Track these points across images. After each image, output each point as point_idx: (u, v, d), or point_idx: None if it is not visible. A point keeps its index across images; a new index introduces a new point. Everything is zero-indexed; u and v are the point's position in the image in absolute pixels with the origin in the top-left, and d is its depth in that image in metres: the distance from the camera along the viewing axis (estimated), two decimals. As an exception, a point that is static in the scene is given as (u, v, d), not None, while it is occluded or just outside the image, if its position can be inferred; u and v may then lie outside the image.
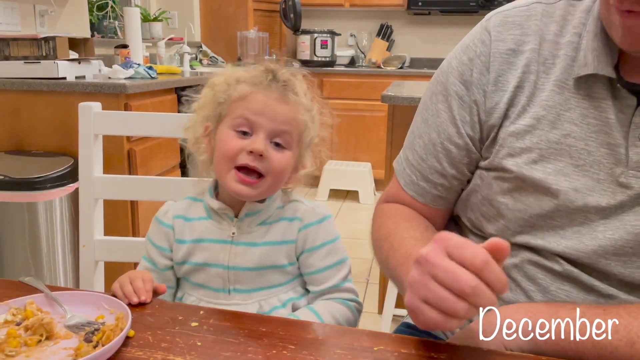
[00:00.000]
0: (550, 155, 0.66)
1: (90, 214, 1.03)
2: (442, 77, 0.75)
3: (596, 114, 0.64)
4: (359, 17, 4.53)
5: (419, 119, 0.78)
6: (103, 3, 3.02)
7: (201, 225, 0.80)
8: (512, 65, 0.69)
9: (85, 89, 1.93)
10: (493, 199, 0.72)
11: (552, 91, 0.67)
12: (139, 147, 2.02)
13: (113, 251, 1.04)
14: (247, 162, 0.73)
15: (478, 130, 0.72)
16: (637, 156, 0.63)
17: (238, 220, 0.78)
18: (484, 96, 0.70)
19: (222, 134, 0.75)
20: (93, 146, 1.01)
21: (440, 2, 4.05)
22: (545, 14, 0.69)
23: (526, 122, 0.68)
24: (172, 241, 0.81)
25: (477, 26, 0.74)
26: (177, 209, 0.83)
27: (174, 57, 3.22)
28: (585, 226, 0.66)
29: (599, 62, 0.63)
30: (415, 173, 0.78)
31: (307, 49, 4.21)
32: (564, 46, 0.67)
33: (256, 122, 0.73)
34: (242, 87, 0.75)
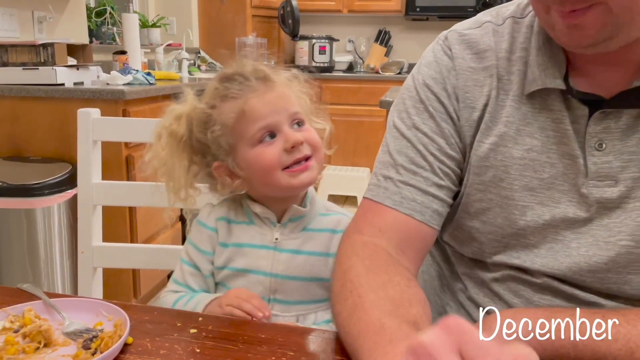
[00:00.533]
0: (514, 171, 0.66)
1: (88, 220, 1.03)
2: (412, 93, 0.73)
3: (554, 125, 0.65)
4: (357, 23, 4.55)
5: (394, 141, 0.72)
6: (101, 9, 3.02)
7: (242, 229, 0.77)
8: (476, 82, 0.69)
9: (84, 95, 1.93)
10: (463, 224, 0.72)
11: (511, 107, 0.67)
12: (138, 153, 2.02)
13: (111, 257, 1.04)
14: (295, 157, 0.72)
15: (461, 145, 0.71)
16: (595, 166, 0.63)
17: (281, 226, 0.76)
18: (457, 113, 0.70)
19: (248, 157, 0.73)
20: (92, 152, 1.01)
21: (438, 7, 4.07)
22: (496, 33, 0.70)
23: (491, 139, 0.68)
24: (215, 244, 0.78)
25: (435, 45, 0.74)
26: (220, 211, 0.79)
27: (172, 63, 3.23)
28: (558, 242, 0.66)
29: (547, 76, 0.64)
30: (408, 190, 0.69)
31: (305, 54, 4.22)
32: (515, 62, 0.68)
33: (272, 121, 0.72)
34: (229, 107, 0.73)
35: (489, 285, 0.72)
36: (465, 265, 0.76)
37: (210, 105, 0.75)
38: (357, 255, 0.65)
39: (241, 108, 0.72)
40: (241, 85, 0.73)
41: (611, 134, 0.62)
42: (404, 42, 4.40)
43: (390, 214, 0.69)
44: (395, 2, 4.20)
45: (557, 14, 0.57)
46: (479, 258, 0.73)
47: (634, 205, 0.63)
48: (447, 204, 0.71)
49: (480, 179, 0.69)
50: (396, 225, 0.69)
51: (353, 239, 0.68)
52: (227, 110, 0.73)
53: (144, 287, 2.13)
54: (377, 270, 0.62)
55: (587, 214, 0.64)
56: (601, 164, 0.63)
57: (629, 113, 0.62)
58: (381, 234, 0.68)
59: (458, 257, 0.77)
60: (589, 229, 0.65)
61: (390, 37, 4.42)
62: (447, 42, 0.73)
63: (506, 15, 0.71)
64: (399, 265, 0.64)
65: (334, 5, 4.31)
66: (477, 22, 0.73)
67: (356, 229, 0.70)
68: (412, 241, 0.69)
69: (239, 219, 0.78)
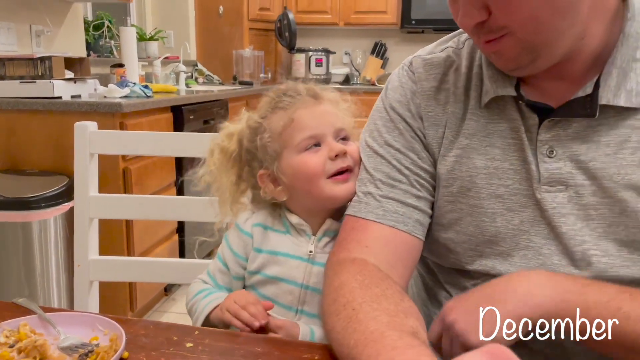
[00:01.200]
0: (480, 180, 0.69)
1: (85, 234, 1.02)
2: (382, 114, 0.77)
3: (512, 133, 0.69)
4: (353, 36, 4.58)
5: (368, 159, 0.75)
6: (99, 23, 3.04)
7: (278, 237, 0.78)
8: (438, 101, 0.74)
9: (81, 108, 1.93)
10: (438, 237, 0.74)
11: (470, 120, 0.71)
12: (135, 166, 2.02)
13: (108, 271, 1.04)
14: (339, 165, 0.74)
15: (432, 159, 0.74)
16: (546, 172, 0.66)
17: (317, 239, 0.77)
18: (422, 131, 0.74)
19: (294, 162, 0.75)
20: (88, 165, 1.01)
21: (433, 20, 4.10)
22: (457, 55, 0.76)
23: (455, 152, 0.71)
24: (249, 250, 0.79)
25: (400, 70, 0.79)
26: (257, 217, 0.81)
27: (169, 75, 3.24)
28: (530, 249, 0.68)
29: (498, 86, 0.68)
30: (389, 203, 0.71)
31: (302, 66, 4.24)
32: (473, 78, 0.73)
33: (318, 132, 0.75)
34: (279, 116, 0.76)
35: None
36: (447, 274, 0.77)
37: (262, 116, 0.79)
38: (349, 272, 0.65)
39: (290, 117, 0.75)
40: (292, 98, 0.77)
41: (560, 141, 0.66)
42: (400, 54, 4.43)
43: (375, 228, 0.70)
44: (391, 15, 4.24)
45: (481, 45, 0.64)
46: (458, 267, 0.74)
47: (588, 213, 0.65)
48: (427, 214, 0.73)
49: (449, 190, 0.72)
50: (382, 239, 0.70)
51: (341, 257, 0.69)
52: (276, 118, 0.76)
53: (140, 300, 2.12)
54: (370, 284, 0.62)
55: (548, 221, 0.67)
56: (552, 170, 0.66)
57: (577, 122, 0.65)
58: (368, 250, 0.69)
59: (439, 267, 0.79)
60: (555, 235, 0.67)
61: (386, 49, 4.45)
62: (411, 66, 0.78)
63: (464, 39, 0.77)
64: (388, 279, 0.65)
65: (330, 19, 4.35)
66: (439, 47, 0.78)
67: (343, 248, 0.70)
68: (400, 254, 0.70)
69: (275, 227, 0.79)
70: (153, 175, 2.17)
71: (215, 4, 3.93)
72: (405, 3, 4.11)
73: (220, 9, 3.94)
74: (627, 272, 0.64)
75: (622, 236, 0.64)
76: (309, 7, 4.34)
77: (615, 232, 0.64)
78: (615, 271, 0.64)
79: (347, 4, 4.28)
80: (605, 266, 0.65)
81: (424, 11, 4.10)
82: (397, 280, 0.67)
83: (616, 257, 0.64)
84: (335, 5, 4.31)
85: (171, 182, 2.34)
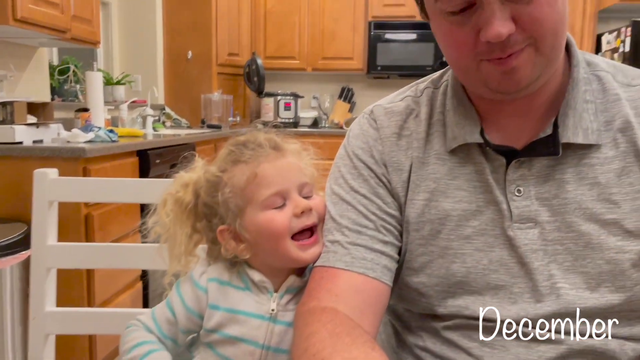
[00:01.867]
0: (449, 222, 0.71)
1: (41, 284, 0.98)
2: (345, 162, 0.78)
3: (478, 176, 0.71)
4: (321, 81, 4.68)
5: (334, 206, 0.76)
6: (65, 67, 3.02)
7: (238, 294, 0.74)
8: (400, 147, 0.76)
9: (43, 154, 1.89)
10: (409, 282, 0.74)
11: (436, 164, 0.73)
12: (97, 212, 1.97)
13: (66, 323, 0.99)
14: (303, 223, 0.72)
15: (397, 204, 0.75)
16: (517, 209, 0.69)
17: (278, 296, 0.74)
18: (386, 177, 0.75)
19: (259, 219, 0.72)
20: (47, 213, 0.98)
21: (398, 67, 4.24)
22: (416, 103, 0.78)
23: (422, 196, 0.73)
24: (203, 306, 0.74)
25: (361, 118, 0.81)
26: (213, 271, 0.76)
27: (136, 119, 3.22)
28: (501, 289, 0.69)
29: (465, 133, 0.71)
30: (356, 249, 0.72)
31: (270, 110, 4.29)
32: (435, 124, 0.75)
33: (282, 187, 0.72)
34: (241, 170, 0.73)
35: (442, 334, 0.73)
36: (418, 318, 0.77)
37: (222, 169, 0.75)
38: (319, 321, 0.64)
39: (253, 171, 0.72)
40: (254, 151, 0.74)
41: (526, 180, 0.69)
42: (367, 99, 4.53)
43: (344, 277, 0.70)
44: (357, 61, 4.36)
45: (492, 64, 0.63)
46: (429, 312, 0.74)
47: (555, 248, 0.68)
48: (394, 259, 0.74)
49: (419, 234, 0.73)
50: (352, 287, 0.70)
51: (311, 306, 0.68)
52: (238, 173, 0.73)
53: (100, 352, 2.02)
54: (340, 333, 0.62)
55: (518, 258, 0.68)
56: (522, 208, 0.69)
57: (540, 162, 0.69)
58: (338, 299, 0.68)
59: (409, 313, 0.78)
60: (525, 273, 0.68)
61: (353, 93, 4.55)
62: (372, 114, 0.80)
63: (423, 88, 0.80)
64: (360, 328, 0.64)
65: (298, 64, 4.44)
66: (399, 97, 0.81)
67: (313, 297, 0.70)
68: (369, 301, 0.70)
69: (234, 282, 0.75)
70: (117, 221, 2.12)
71: (184, 48, 3.97)
72: (371, 50, 4.24)
73: (189, 54, 3.97)
74: (595, 304, 0.66)
75: (588, 269, 0.66)
76: (277, 52, 4.43)
77: (582, 265, 0.67)
78: (583, 303, 0.66)
79: (314, 50, 4.39)
80: (573, 298, 0.66)
81: (389, 58, 4.23)
82: (367, 328, 0.67)
83: (584, 290, 0.66)
84: (303, 51, 4.41)
85: (136, 227, 2.29)
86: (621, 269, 0.66)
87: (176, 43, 3.96)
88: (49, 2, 2.26)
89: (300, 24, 4.39)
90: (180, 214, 0.76)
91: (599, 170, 0.67)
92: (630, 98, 0.69)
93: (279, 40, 4.42)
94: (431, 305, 0.73)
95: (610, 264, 0.66)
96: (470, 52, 0.64)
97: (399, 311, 0.81)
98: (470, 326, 0.71)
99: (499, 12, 0.60)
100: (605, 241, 0.66)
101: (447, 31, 0.65)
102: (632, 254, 0.66)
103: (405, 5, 4.19)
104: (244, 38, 4.31)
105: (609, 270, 0.66)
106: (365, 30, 4.29)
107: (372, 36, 4.23)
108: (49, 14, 2.25)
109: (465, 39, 0.63)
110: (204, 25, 3.92)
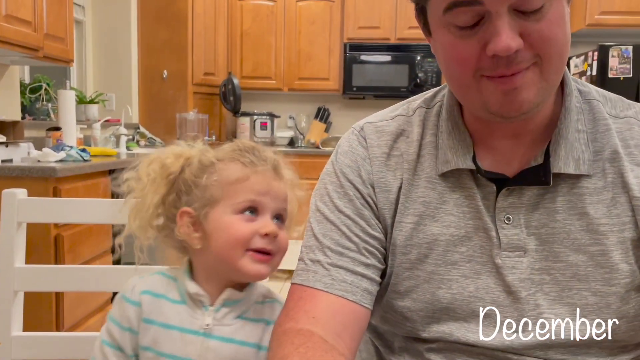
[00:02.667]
0: (437, 247, 0.70)
1: (7, 308, 0.95)
2: (332, 179, 0.76)
3: (467, 202, 0.70)
4: (297, 101, 4.70)
5: (318, 225, 0.75)
6: (36, 86, 2.97)
7: (172, 308, 0.71)
8: (389, 167, 0.75)
9: (12, 173, 1.85)
10: (394, 305, 0.74)
11: (426, 187, 0.72)
12: (67, 233, 1.93)
13: (33, 348, 0.96)
14: (263, 245, 0.69)
15: (382, 226, 0.74)
16: (506, 238, 0.68)
17: (214, 310, 0.71)
18: (372, 198, 0.74)
19: (223, 219, 0.70)
20: (15, 235, 0.96)
21: (373, 87, 4.30)
22: (407, 123, 0.77)
23: (410, 219, 0.72)
24: (139, 320, 0.71)
25: (350, 134, 0.79)
26: (145, 284, 0.73)
27: (109, 139, 3.18)
28: (486, 317, 0.69)
29: (458, 158, 0.70)
30: (337, 271, 0.71)
31: (246, 130, 4.29)
32: (426, 146, 0.74)
33: (262, 203, 0.70)
34: (236, 168, 0.71)
35: (426, 355, 0.72)
36: (401, 339, 0.76)
37: (219, 158, 0.73)
38: (292, 344, 0.64)
39: (247, 175, 0.70)
40: (256, 158, 0.72)
41: (517, 209, 0.69)
42: (343, 119, 4.56)
43: (323, 298, 0.70)
44: (333, 82, 4.40)
45: (494, 83, 0.61)
46: (413, 335, 0.73)
47: (542, 277, 0.68)
48: (375, 282, 0.72)
49: (406, 257, 0.72)
50: (330, 309, 0.69)
51: (286, 327, 0.67)
52: (233, 168, 0.71)
53: (69, 378, 1.96)
54: (313, 356, 0.61)
55: (505, 286, 0.68)
56: (511, 236, 0.68)
57: (530, 190, 0.68)
58: (315, 321, 0.68)
59: (392, 334, 0.78)
60: (511, 301, 0.68)
61: (329, 114, 4.58)
62: (362, 132, 0.78)
63: (415, 107, 0.78)
64: (334, 351, 0.64)
65: (274, 84, 4.46)
66: (390, 115, 0.79)
67: (290, 318, 0.69)
68: (348, 324, 0.69)
69: (169, 295, 0.73)
70: (88, 243, 2.07)
71: (159, 68, 3.96)
72: (347, 71, 4.29)
73: (164, 73, 3.96)
74: (578, 335, 0.66)
75: (575, 300, 0.66)
76: (253, 72, 4.45)
77: (569, 295, 0.67)
78: (569, 334, 0.66)
79: (290, 71, 4.42)
80: (558, 329, 0.66)
81: (364, 79, 4.29)
82: (343, 351, 0.66)
83: (570, 321, 0.66)
84: (280, 72, 4.44)
85: (107, 249, 2.24)
86: (607, 302, 0.66)
87: (151, 62, 3.95)
88: (22, 20, 2.23)
89: (276, 44, 4.42)
90: (160, 179, 0.74)
91: (587, 201, 0.67)
92: (618, 130, 0.69)
93: (256, 60, 4.44)
94: (415, 330, 0.72)
95: (596, 296, 0.66)
96: (473, 67, 0.62)
97: (380, 331, 0.80)
98: (454, 349, 0.70)
99: (508, 25, 0.58)
100: (593, 273, 0.66)
101: (451, 45, 0.63)
102: (619, 287, 0.66)
103: (380, 27, 4.27)
104: (220, 58, 4.32)
105: (595, 302, 0.66)
106: (341, 52, 4.34)
107: (348, 57, 4.28)
108: (21, 32, 2.22)
109: (470, 53, 0.61)
110: (180, 45, 3.92)
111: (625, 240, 0.66)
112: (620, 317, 0.66)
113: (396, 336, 0.77)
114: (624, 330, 0.67)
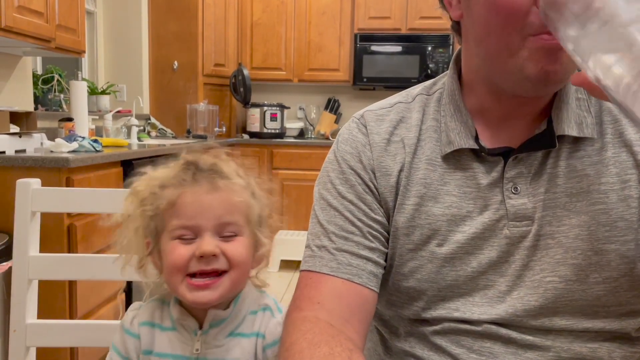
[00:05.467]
0: (440, 227, 0.72)
1: (22, 296, 0.97)
2: (334, 166, 0.78)
3: (469, 182, 0.72)
4: (307, 92, 4.69)
5: (322, 212, 0.76)
6: (49, 77, 3.00)
7: (165, 336, 0.71)
8: (389, 152, 0.76)
9: (25, 163, 1.87)
10: (399, 287, 0.75)
11: (426, 169, 0.74)
12: (80, 222, 1.95)
13: (47, 336, 0.98)
14: (201, 267, 0.66)
15: (384, 210, 0.75)
16: (513, 208, 0.70)
17: (203, 333, 0.69)
18: (373, 182, 0.75)
19: (166, 247, 0.68)
20: (29, 224, 0.97)
21: (383, 78, 4.28)
22: (407, 109, 0.79)
23: (412, 201, 0.73)
24: (138, 352, 0.71)
25: (351, 123, 0.81)
26: (144, 314, 0.73)
27: (121, 129, 3.20)
28: (490, 288, 0.71)
29: (461, 138, 0.72)
30: (342, 255, 0.72)
31: (256, 121, 4.29)
32: (427, 130, 0.76)
33: (195, 226, 0.66)
34: (168, 193, 0.68)
35: (431, 339, 0.74)
36: (406, 323, 0.77)
37: (162, 184, 0.70)
38: (300, 331, 0.65)
39: (173, 199, 0.68)
40: (190, 175, 0.69)
41: (523, 178, 0.70)
42: (353, 110, 4.54)
43: (328, 282, 0.71)
44: (343, 73, 4.39)
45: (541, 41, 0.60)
46: (419, 317, 0.75)
47: (546, 242, 0.69)
48: (380, 265, 0.74)
49: (409, 239, 0.73)
50: (335, 293, 0.70)
51: (294, 316, 0.69)
52: (166, 195, 0.68)
53: (82, 365, 1.99)
54: (319, 342, 0.63)
55: (510, 256, 0.70)
56: (518, 206, 0.70)
57: (535, 157, 0.70)
58: (320, 306, 0.69)
59: (397, 319, 0.79)
60: (514, 270, 0.70)
61: (339, 105, 4.57)
62: (362, 119, 0.80)
63: (415, 94, 0.80)
64: (340, 336, 0.65)
65: (284, 75, 4.45)
66: (390, 103, 0.81)
67: (296, 306, 0.70)
68: (354, 307, 0.70)
69: (164, 324, 0.72)
70: (100, 232, 2.10)
71: (169, 59, 3.97)
72: (357, 62, 4.28)
73: (174, 64, 3.97)
74: (582, 296, 0.67)
75: (579, 260, 0.68)
76: (263, 63, 4.44)
77: (573, 257, 0.68)
78: (571, 296, 0.68)
79: (301, 62, 4.41)
80: (562, 292, 0.68)
81: (374, 69, 4.27)
82: (352, 335, 0.67)
83: (573, 282, 0.68)
84: (290, 63, 4.43)
85: (120, 239, 2.26)
86: (607, 260, 0.67)
87: (162, 53, 3.96)
88: (34, 11, 2.24)
89: (286, 35, 4.41)
90: (134, 208, 0.71)
91: (587, 162, 0.69)
92: None
93: (266, 51, 4.44)
94: (421, 310, 0.74)
95: (598, 255, 0.67)
96: (520, 24, 0.60)
97: (386, 317, 0.81)
98: (458, 331, 0.71)
99: None
100: (595, 232, 0.68)
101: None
102: (618, 244, 0.67)
103: (391, 17, 4.24)
104: (230, 49, 4.32)
105: (597, 261, 0.67)
106: (351, 42, 4.32)
107: (358, 48, 4.27)
108: (33, 23, 2.23)
109: (519, 7, 0.60)
110: (190, 36, 3.93)
111: (626, 197, 0.68)
112: (622, 275, 0.67)
113: (402, 320, 0.78)
114: (626, 288, 0.68)
